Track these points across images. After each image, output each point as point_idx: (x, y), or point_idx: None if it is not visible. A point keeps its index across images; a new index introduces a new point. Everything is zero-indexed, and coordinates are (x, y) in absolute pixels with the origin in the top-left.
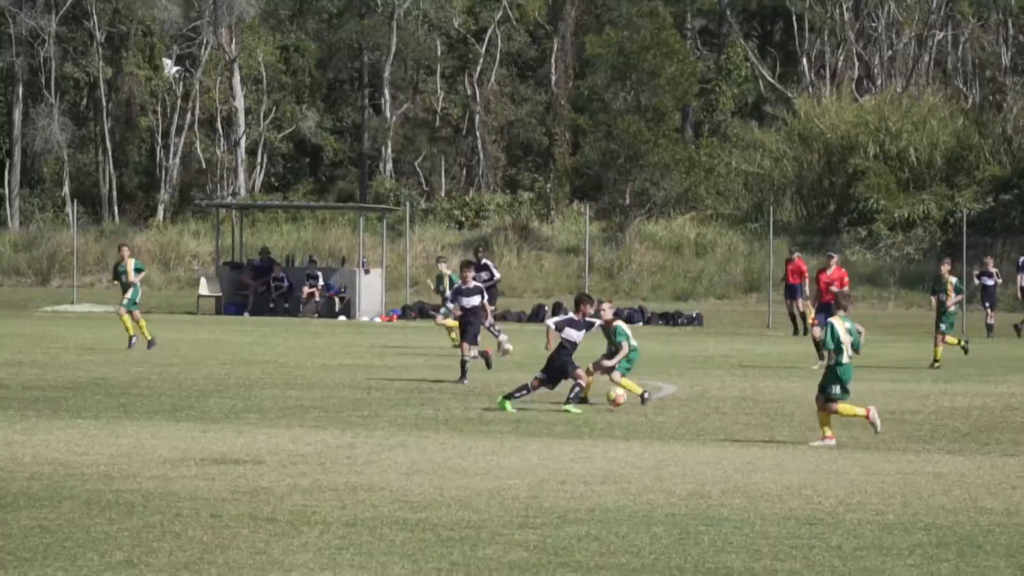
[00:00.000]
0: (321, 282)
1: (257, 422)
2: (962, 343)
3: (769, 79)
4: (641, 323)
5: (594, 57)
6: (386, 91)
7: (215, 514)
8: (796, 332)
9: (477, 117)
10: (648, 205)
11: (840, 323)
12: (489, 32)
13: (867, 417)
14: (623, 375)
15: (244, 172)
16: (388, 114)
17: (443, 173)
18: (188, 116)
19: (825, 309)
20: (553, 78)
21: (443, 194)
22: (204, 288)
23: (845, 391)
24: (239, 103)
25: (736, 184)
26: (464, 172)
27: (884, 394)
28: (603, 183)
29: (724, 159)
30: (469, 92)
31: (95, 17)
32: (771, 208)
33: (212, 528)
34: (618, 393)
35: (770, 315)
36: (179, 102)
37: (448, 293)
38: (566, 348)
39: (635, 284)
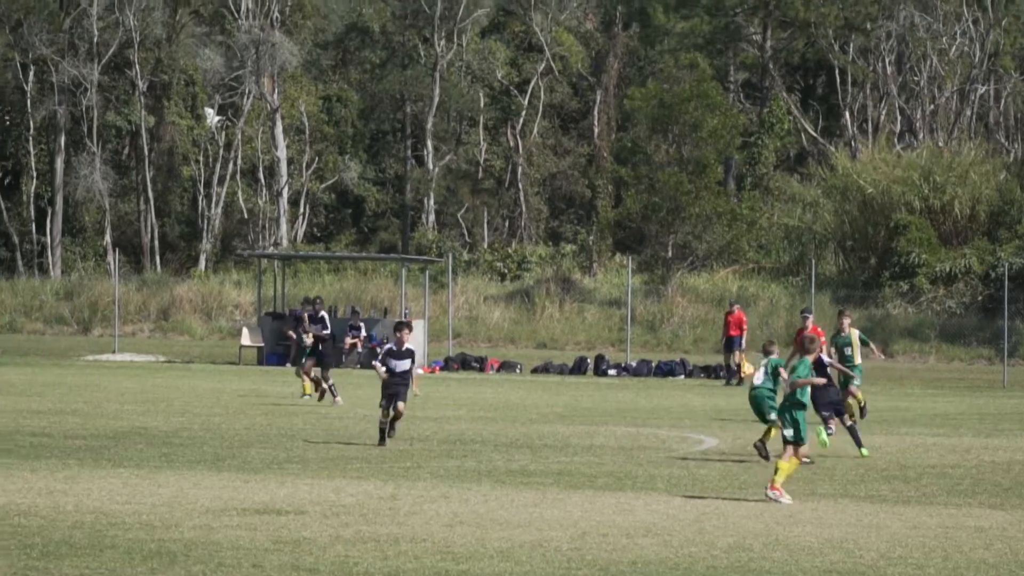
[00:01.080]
0: (363, 333)
1: (299, 472)
2: (862, 404)
3: (811, 132)
4: (683, 376)
5: (634, 110)
6: (429, 142)
7: (257, 564)
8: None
9: (519, 169)
10: (690, 258)
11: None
12: (532, 84)
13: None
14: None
15: (286, 222)
16: (431, 165)
17: (485, 224)
18: (230, 166)
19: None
20: (596, 130)
21: (485, 246)
22: (246, 338)
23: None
24: (281, 153)
25: (778, 237)
26: (506, 224)
27: (925, 448)
28: (645, 235)
29: (766, 212)
30: (511, 144)
31: (137, 66)
32: (813, 261)
33: None
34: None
35: None
36: (221, 151)
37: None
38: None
39: (677, 337)
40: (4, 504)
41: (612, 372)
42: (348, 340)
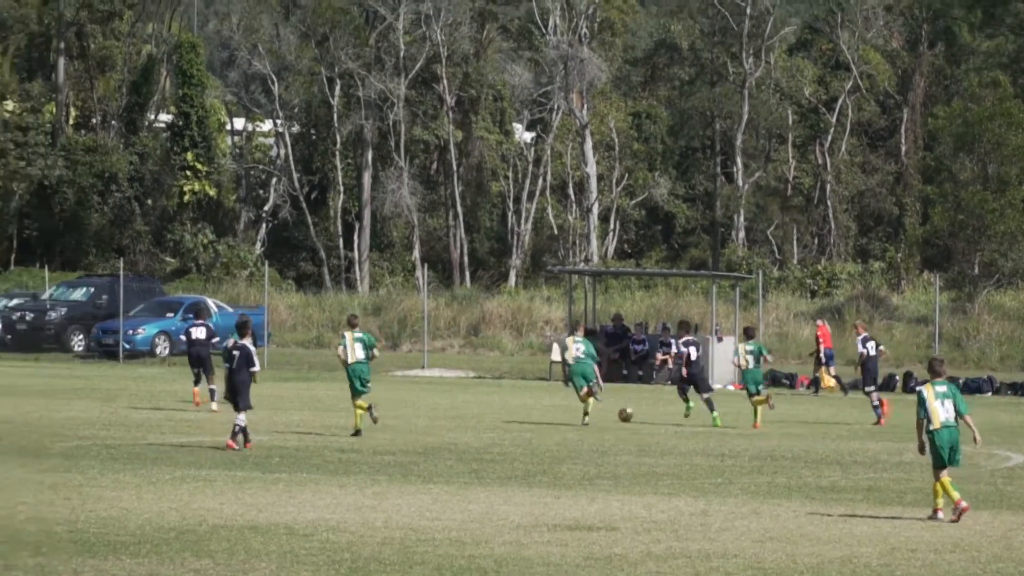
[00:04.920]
0: (675, 349)
1: (610, 489)
2: (770, 401)
3: None
4: (990, 393)
5: (938, 130)
6: (738, 159)
7: None
8: None
9: (828, 186)
10: (996, 275)
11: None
12: (840, 102)
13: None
14: None
15: (596, 238)
16: (740, 182)
17: (795, 241)
18: (540, 181)
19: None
20: (903, 148)
21: (795, 262)
22: (556, 354)
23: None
24: (591, 169)
25: None
26: (815, 241)
27: None
28: (952, 253)
29: None
30: (820, 161)
31: (445, 81)
32: None
33: None
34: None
35: None
36: (530, 167)
37: None
38: None
39: (984, 354)
40: (313, 520)
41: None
42: (659, 356)
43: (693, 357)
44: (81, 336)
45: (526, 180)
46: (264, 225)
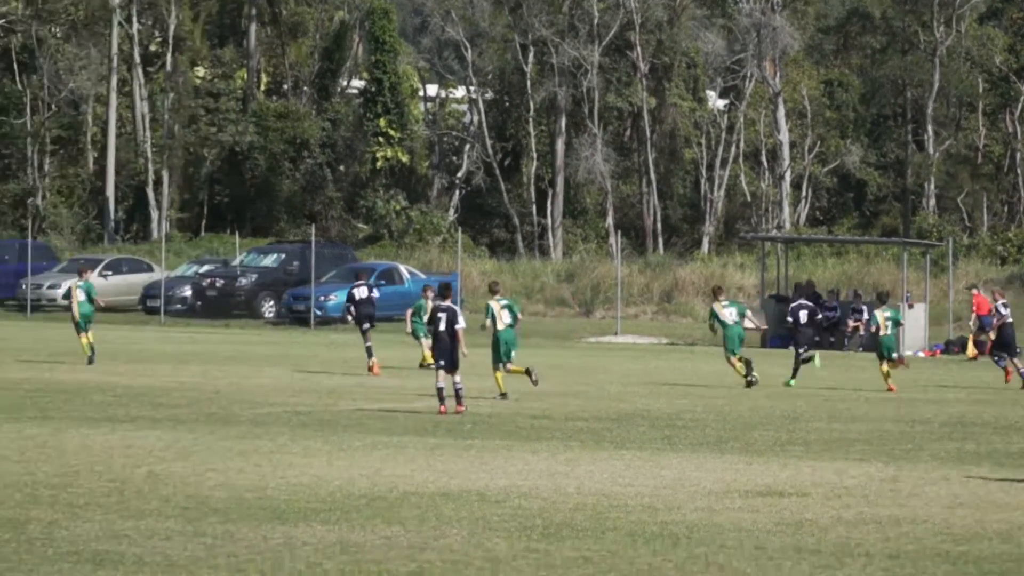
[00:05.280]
0: (866, 316)
1: (802, 454)
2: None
3: None
4: None
5: None
6: (929, 127)
7: (759, 546)
8: None
9: (1018, 154)
10: None
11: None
12: None
13: None
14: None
15: (788, 205)
16: (931, 150)
17: (985, 209)
18: (732, 149)
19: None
20: None
21: (985, 230)
22: (749, 321)
23: None
24: (783, 137)
25: None
26: (1005, 208)
27: None
28: None
29: None
30: (1010, 130)
31: (639, 48)
32: None
33: (756, 560)
34: None
35: None
36: (723, 134)
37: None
38: None
39: None
40: (505, 486)
41: None
42: (851, 323)
43: (803, 320)
44: (272, 302)
45: (719, 147)
46: (457, 192)
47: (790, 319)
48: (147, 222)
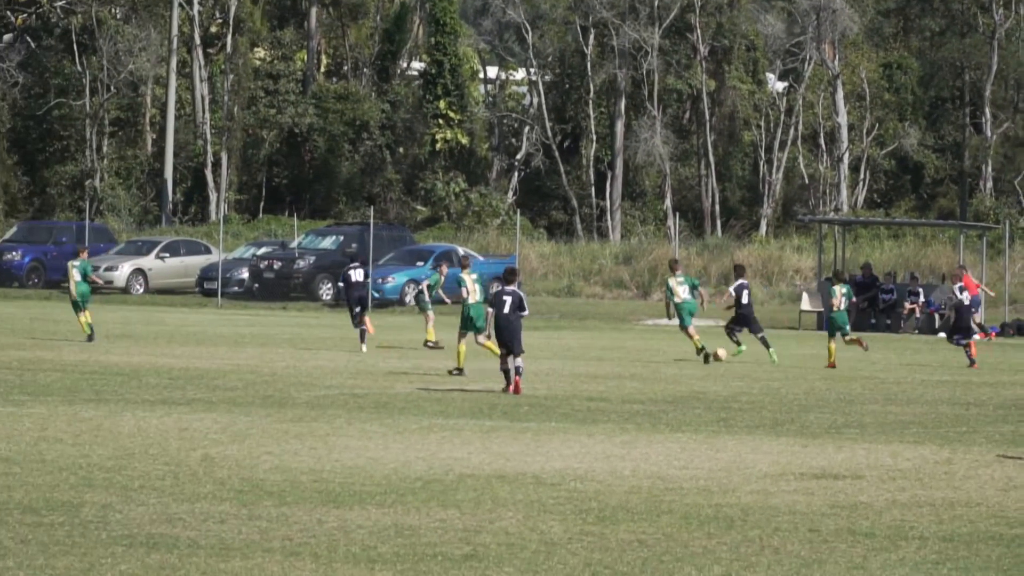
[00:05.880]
0: (922, 298)
1: (857, 437)
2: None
3: None
4: None
5: None
6: (987, 110)
7: (813, 528)
8: None
9: None
10: None
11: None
12: None
13: None
14: None
15: (846, 188)
16: (988, 133)
17: None
18: (791, 131)
19: None
20: None
21: None
22: (806, 303)
23: None
24: (842, 119)
25: None
26: None
27: None
28: None
29: None
30: None
31: (698, 31)
32: None
33: (810, 543)
34: None
35: None
36: (782, 117)
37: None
38: None
39: None
40: (561, 468)
41: None
42: (907, 305)
43: (744, 300)
44: (329, 285)
45: (778, 129)
46: (516, 174)
47: (732, 294)
48: (205, 204)
